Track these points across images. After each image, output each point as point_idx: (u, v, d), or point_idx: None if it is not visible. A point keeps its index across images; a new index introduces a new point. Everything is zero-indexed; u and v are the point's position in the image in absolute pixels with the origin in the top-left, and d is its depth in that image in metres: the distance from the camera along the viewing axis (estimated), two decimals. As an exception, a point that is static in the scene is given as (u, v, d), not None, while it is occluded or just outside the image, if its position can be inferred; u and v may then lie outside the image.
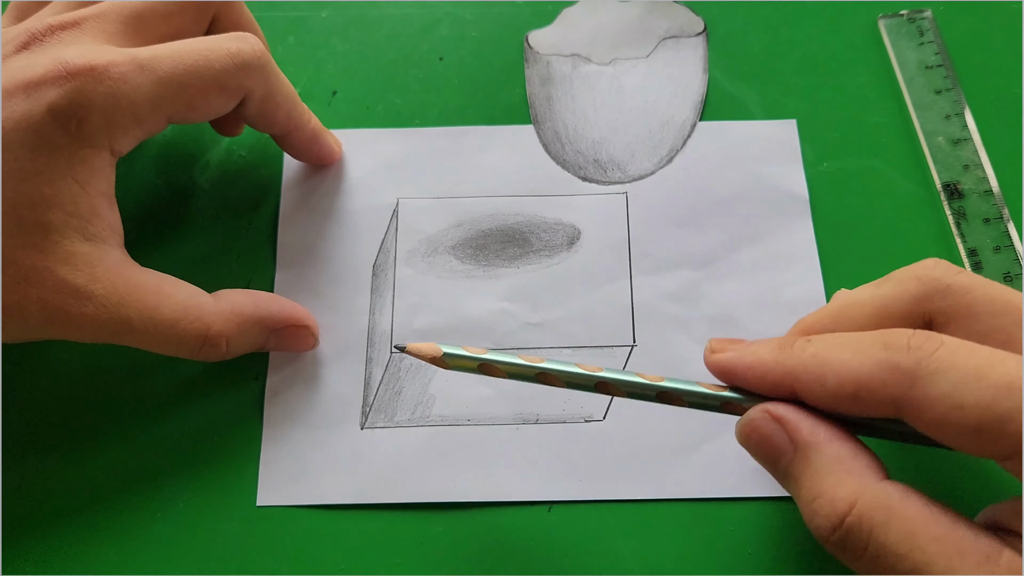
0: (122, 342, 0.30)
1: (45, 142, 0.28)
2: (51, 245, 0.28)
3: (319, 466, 0.32)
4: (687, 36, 0.39)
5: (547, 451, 0.32)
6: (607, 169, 0.37)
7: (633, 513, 0.31)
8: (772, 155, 0.37)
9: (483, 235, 0.36)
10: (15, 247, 0.28)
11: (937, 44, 0.39)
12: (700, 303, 0.34)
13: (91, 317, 0.29)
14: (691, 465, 0.32)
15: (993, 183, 0.36)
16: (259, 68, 0.32)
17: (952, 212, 0.36)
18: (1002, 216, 0.35)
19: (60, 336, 0.29)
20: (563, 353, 0.34)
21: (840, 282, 0.35)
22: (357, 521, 0.32)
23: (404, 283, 0.35)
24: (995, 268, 0.34)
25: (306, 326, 0.33)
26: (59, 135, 0.28)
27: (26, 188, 0.28)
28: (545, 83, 0.38)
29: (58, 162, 0.29)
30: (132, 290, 0.29)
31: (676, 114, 0.38)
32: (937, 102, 0.38)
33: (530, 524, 0.31)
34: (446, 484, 0.32)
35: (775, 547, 0.31)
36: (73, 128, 0.28)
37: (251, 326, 0.32)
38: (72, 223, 0.29)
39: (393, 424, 0.33)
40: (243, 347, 0.32)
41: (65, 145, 0.29)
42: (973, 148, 0.37)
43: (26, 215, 0.28)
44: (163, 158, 0.38)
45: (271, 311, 0.32)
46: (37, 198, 0.28)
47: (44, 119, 0.28)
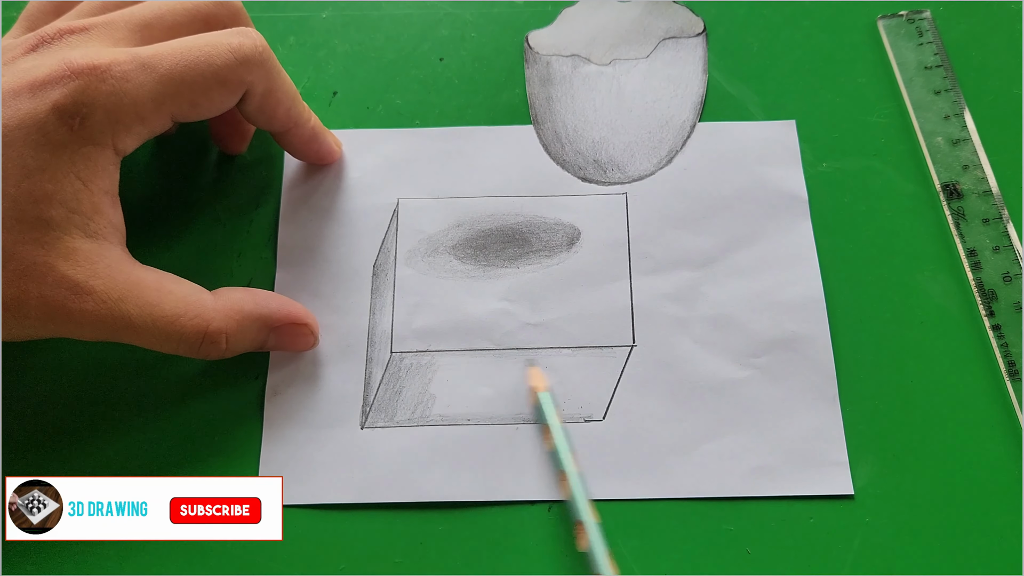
0: (122, 339, 0.30)
1: (48, 139, 0.29)
2: (52, 241, 0.29)
3: (319, 466, 0.32)
4: (687, 37, 0.39)
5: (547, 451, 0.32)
6: (607, 169, 0.37)
7: (633, 513, 0.31)
8: (771, 156, 0.37)
9: (483, 235, 0.36)
10: (16, 242, 0.28)
11: (936, 45, 0.39)
12: (699, 303, 0.34)
13: (91, 313, 0.29)
14: (690, 465, 0.32)
15: (992, 183, 0.36)
16: (260, 63, 0.32)
17: (951, 212, 0.36)
18: (1001, 216, 0.35)
19: (60, 333, 0.29)
20: (562, 353, 0.34)
21: (840, 282, 0.35)
22: (357, 521, 0.32)
23: (404, 283, 0.35)
24: (994, 268, 0.35)
25: (306, 324, 0.33)
26: (62, 132, 0.29)
27: (28, 184, 0.28)
28: (545, 83, 0.39)
29: (61, 159, 0.29)
30: (132, 287, 0.30)
31: (675, 115, 0.38)
32: (936, 102, 0.38)
33: (530, 524, 0.31)
34: (446, 484, 0.32)
35: (775, 547, 0.31)
36: (76, 126, 0.29)
37: (251, 323, 0.32)
38: (74, 220, 0.29)
39: (393, 424, 0.33)
40: (243, 345, 0.32)
41: (68, 142, 0.29)
42: (972, 148, 0.37)
43: (28, 211, 0.28)
44: (165, 158, 0.38)
45: (271, 309, 0.32)
46: (39, 194, 0.28)
47: (48, 117, 0.29)
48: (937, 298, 0.34)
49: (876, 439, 0.32)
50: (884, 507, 0.31)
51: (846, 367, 0.33)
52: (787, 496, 0.31)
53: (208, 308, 0.31)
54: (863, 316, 0.34)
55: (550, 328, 0.34)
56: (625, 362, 0.34)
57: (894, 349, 0.34)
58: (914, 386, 0.33)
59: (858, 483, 0.31)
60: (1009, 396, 0.33)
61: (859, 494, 0.31)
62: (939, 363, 0.33)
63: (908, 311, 0.34)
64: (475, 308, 0.35)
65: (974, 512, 0.31)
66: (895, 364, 0.33)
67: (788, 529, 0.31)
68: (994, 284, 0.34)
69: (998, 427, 0.32)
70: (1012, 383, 0.33)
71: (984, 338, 0.34)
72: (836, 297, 0.34)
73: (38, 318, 0.29)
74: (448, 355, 0.34)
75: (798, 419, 0.32)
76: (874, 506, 0.31)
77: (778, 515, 0.31)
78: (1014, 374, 0.33)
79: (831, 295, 0.34)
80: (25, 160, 0.28)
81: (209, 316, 0.31)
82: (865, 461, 0.32)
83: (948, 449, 0.32)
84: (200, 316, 0.30)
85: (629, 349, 0.34)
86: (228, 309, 0.31)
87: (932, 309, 0.34)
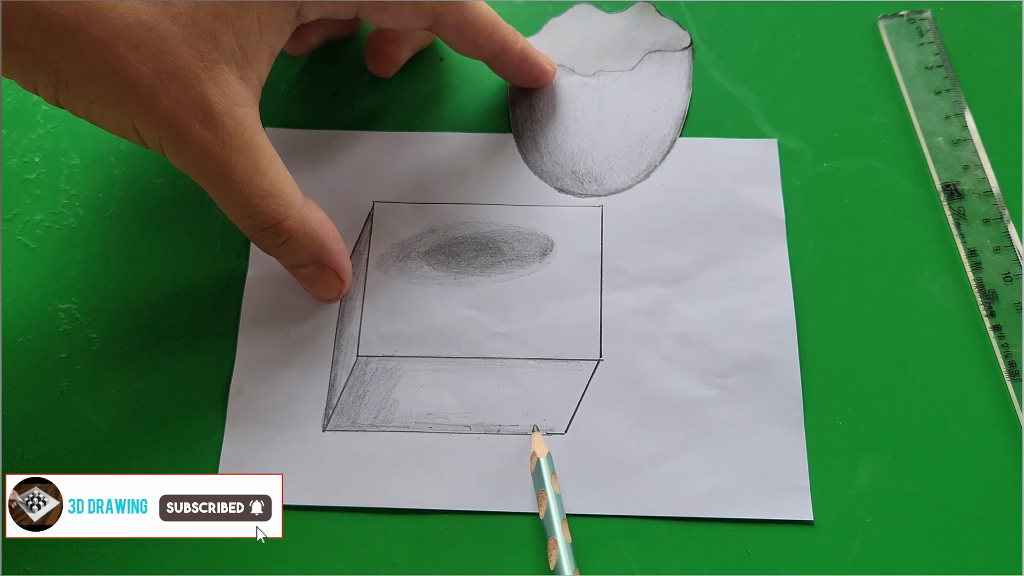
0: (208, 183, 0.30)
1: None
2: (212, 61, 0.29)
3: (279, 466, 0.32)
4: (672, 50, 0.39)
5: (507, 461, 0.32)
6: (584, 181, 0.37)
7: (629, 524, 0.31)
8: (751, 174, 0.37)
9: (456, 242, 0.36)
10: (181, 41, 0.29)
11: (937, 45, 0.39)
12: (669, 320, 0.34)
13: (205, 144, 0.29)
14: (650, 482, 0.32)
15: (993, 183, 0.36)
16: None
17: (952, 212, 0.36)
18: (1002, 217, 0.35)
19: (166, 149, 0.29)
20: (528, 364, 0.34)
21: (839, 283, 0.35)
22: (357, 521, 0.32)
23: (375, 287, 0.35)
24: (995, 268, 0.35)
25: (343, 281, 0.34)
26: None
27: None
28: (527, 92, 0.38)
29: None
30: (252, 145, 0.30)
31: (656, 129, 0.37)
32: (937, 103, 0.38)
33: (530, 524, 0.31)
34: (405, 490, 0.32)
35: (775, 547, 0.31)
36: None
37: (312, 243, 0.32)
38: (235, 55, 0.30)
39: (355, 428, 0.33)
40: (292, 254, 0.32)
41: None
42: (973, 148, 0.37)
43: (205, 21, 0.29)
44: (166, 159, 0.37)
45: (332, 246, 0.33)
46: (221, 11, 0.29)
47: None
48: (938, 298, 0.34)
49: (876, 439, 0.32)
50: (884, 507, 0.31)
51: (846, 368, 0.33)
52: (747, 520, 0.31)
53: (294, 205, 0.31)
54: (863, 316, 0.34)
55: (518, 338, 0.34)
56: (591, 376, 0.33)
57: (894, 349, 0.34)
58: (914, 386, 0.33)
59: (858, 483, 0.32)
60: (1009, 396, 0.33)
61: (859, 494, 0.31)
62: (939, 363, 0.33)
63: (908, 311, 0.34)
64: (444, 315, 0.34)
65: (974, 512, 0.31)
66: (895, 364, 0.33)
67: (788, 529, 0.31)
68: (995, 284, 0.34)
69: (998, 427, 0.32)
70: (1012, 383, 0.33)
71: (985, 338, 0.34)
72: (836, 298, 0.35)
73: (157, 126, 0.29)
74: (414, 361, 0.34)
75: (761, 442, 0.32)
76: (874, 506, 0.31)
77: (778, 514, 0.31)
78: (1015, 374, 0.33)
79: (830, 297, 0.35)
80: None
81: (292, 212, 0.31)
82: (865, 461, 0.32)
83: (948, 449, 0.32)
84: (285, 207, 0.31)
85: (596, 363, 0.34)
86: (307, 217, 0.32)
87: (932, 309, 0.34)
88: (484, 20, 0.34)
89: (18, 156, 0.37)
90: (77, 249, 0.36)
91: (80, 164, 0.37)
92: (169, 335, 0.34)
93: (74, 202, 0.37)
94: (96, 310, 0.35)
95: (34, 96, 0.38)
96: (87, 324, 0.34)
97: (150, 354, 0.34)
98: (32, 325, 0.34)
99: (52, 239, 0.36)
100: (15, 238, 0.36)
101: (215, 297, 0.35)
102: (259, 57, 0.30)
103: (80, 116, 0.30)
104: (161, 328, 0.34)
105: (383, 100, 0.39)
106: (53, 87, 0.29)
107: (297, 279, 0.34)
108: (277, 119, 0.38)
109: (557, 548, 0.30)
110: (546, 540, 0.30)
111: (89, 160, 0.37)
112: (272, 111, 0.38)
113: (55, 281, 0.35)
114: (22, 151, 0.37)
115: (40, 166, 0.37)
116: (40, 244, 0.36)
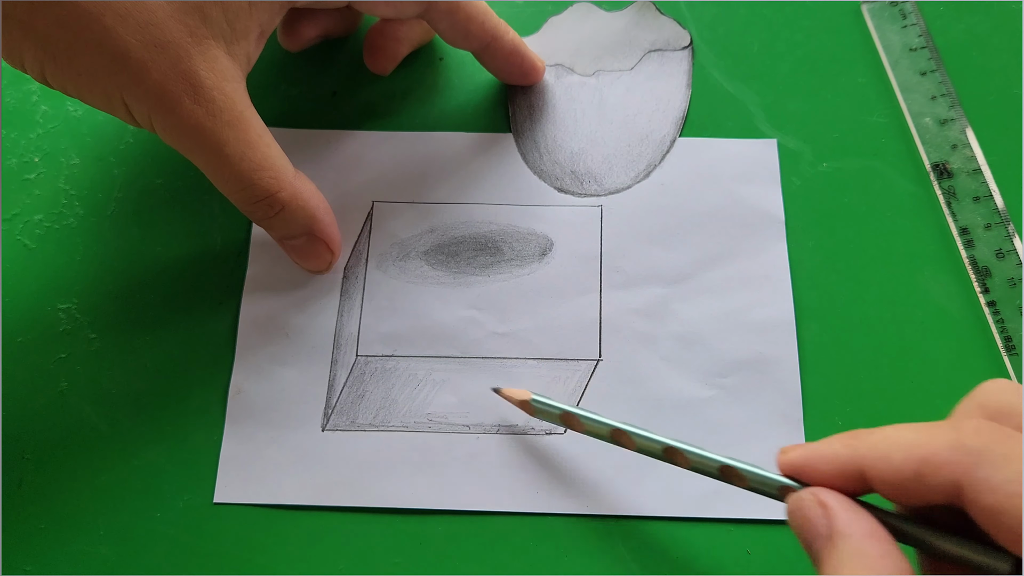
0: (200, 158, 0.30)
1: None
2: (200, 37, 0.29)
3: (278, 466, 0.32)
4: (672, 50, 0.39)
5: (506, 461, 0.32)
6: (583, 181, 0.37)
7: (630, 523, 0.32)
8: (751, 174, 0.37)
9: (455, 242, 0.36)
10: (169, 15, 0.28)
11: (920, 27, 0.39)
12: (668, 320, 0.34)
13: (196, 118, 0.29)
14: (647, 483, 0.32)
15: (981, 161, 0.36)
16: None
17: (942, 191, 0.36)
18: (992, 194, 0.36)
19: (156, 123, 0.29)
20: (528, 364, 0.34)
21: (838, 283, 0.35)
22: (358, 521, 0.32)
23: (374, 286, 0.35)
24: (987, 245, 0.35)
25: (333, 252, 0.34)
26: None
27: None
28: (526, 91, 0.38)
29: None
30: (242, 119, 0.30)
31: (656, 129, 0.37)
32: (923, 83, 0.38)
33: (531, 525, 0.31)
34: (404, 490, 0.32)
35: (775, 547, 0.31)
36: None
37: (303, 214, 0.33)
38: (223, 29, 0.30)
39: (355, 427, 0.33)
40: (285, 225, 0.33)
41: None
42: (960, 128, 0.37)
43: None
44: (166, 159, 0.38)
45: (322, 218, 0.33)
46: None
47: None
48: (938, 299, 0.35)
49: (874, 421, 0.32)
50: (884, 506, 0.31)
51: (846, 368, 0.33)
52: (747, 520, 0.31)
53: (287, 177, 0.32)
54: (862, 316, 0.34)
55: (517, 338, 0.34)
56: (590, 376, 0.33)
57: (894, 349, 0.34)
58: (914, 386, 0.33)
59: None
60: (1007, 372, 0.33)
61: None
62: (939, 363, 0.34)
63: (908, 311, 0.34)
64: (443, 315, 0.35)
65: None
66: (895, 364, 0.34)
67: (788, 529, 0.31)
68: (987, 261, 0.35)
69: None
70: (1010, 358, 0.33)
71: (988, 337, 0.34)
72: (836, 297, 0.35)
73: (147, 99, 0.29)
74: (413, 361, 0.34)
75: (760, 442, 0.32)
76: (875, 499, 0.31)
77: (778, 514, 0.31)
78: (1011, 349, 0.33)
79: (830, 297, 0.35)
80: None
81: (284, 184, 0.31)
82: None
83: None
84: (277, 179, 0.31)
85: (595, 363, 0.34)
86: (299, 189, 0.32)
87: (933, 310, 0.35)
88: (476, 7, 0.34)
89: (18, 156, 0.37)
90: (77, 249, 0.36)
91: (80, 164, 0.37)
92: (169, 335, 0.34)
93: (74, 202, 0.37)
94: (96, 310, 0.35)
95: (34, 96, 0.38)
96: (87, 324, 0.34)
97: (150, 354, 0.34)
98: (32, 325, 0.34)
99: (52, 239, 0.36)
100: (15, 238, 0.36)
101: (215, 297, 0.35)
102: (247, 35, 0.30)
103: (69, 94, 0.30)
104: (161, 328, 0.34)
105: (383, 100, 0.39)
106: (40, 60, 0.29)
107: (287, 251, 0.34)
108: (277, 119, 0.38)
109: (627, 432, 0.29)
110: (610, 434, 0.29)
111: (89, 160, 0.37)
112: (272, 111, 0.38)
113: (55, 281, 0.35)
114: (22, 151, 0.37)
115: (40, 166, 0.37)
116: (40, 244, 0.36)
